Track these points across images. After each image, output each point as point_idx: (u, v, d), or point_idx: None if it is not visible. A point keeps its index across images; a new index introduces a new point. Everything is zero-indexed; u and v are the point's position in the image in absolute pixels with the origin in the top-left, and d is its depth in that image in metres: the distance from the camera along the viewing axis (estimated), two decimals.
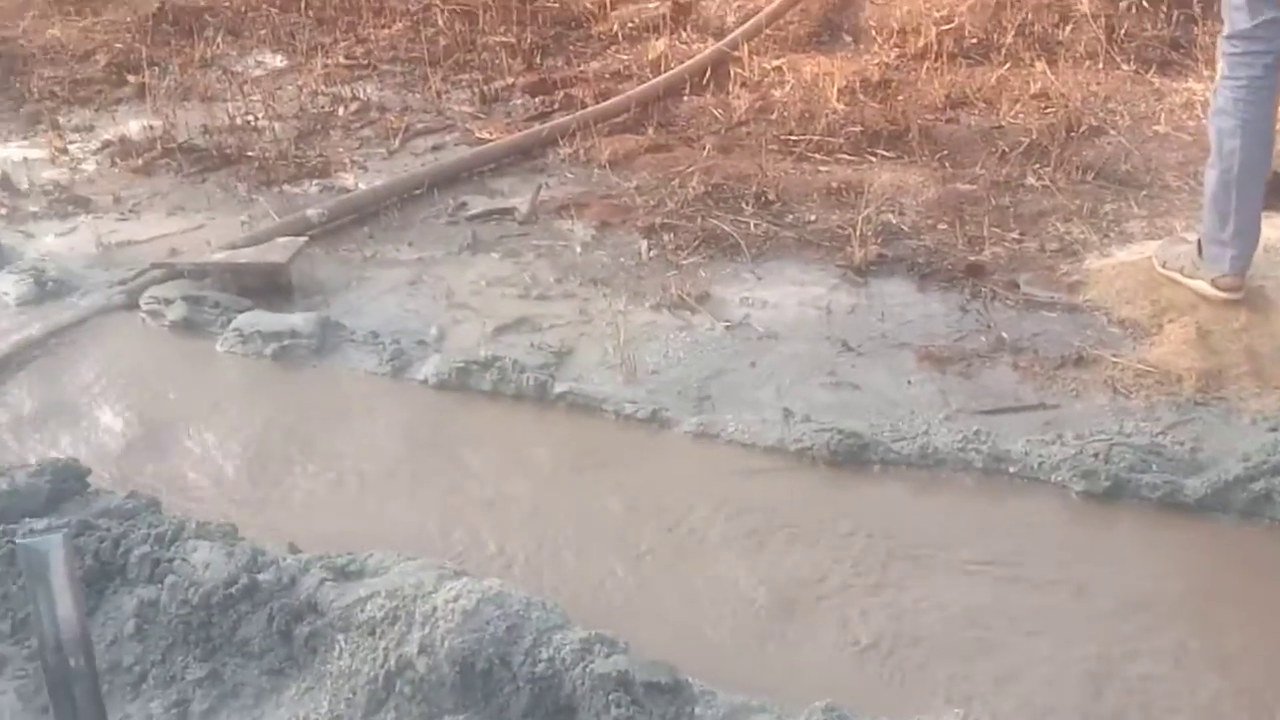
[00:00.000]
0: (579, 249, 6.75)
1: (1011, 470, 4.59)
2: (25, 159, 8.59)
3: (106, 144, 8.69)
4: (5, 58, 10.91)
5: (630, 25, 10.30)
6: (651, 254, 6.59)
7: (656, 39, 9.86)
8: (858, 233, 6.36)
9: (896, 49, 9.14)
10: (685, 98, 8.76)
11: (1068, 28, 8.99)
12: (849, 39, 9.63)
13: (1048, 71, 8.44)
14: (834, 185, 7.15)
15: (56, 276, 6.60)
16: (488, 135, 8.45)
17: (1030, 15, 9.13)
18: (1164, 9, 8.89)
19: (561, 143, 8.06)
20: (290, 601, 3.84)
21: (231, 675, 3.79)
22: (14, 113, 9.67)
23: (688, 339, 5.72)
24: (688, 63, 9.11)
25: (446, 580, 3.80)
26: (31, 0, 12.42)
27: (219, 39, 10.76)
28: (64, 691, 2.90)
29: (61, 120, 9.29)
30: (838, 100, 8.28)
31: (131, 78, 10.00)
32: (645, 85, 8.83)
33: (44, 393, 5.61)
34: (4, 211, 7.74)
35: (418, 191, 7.54)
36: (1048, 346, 5.45)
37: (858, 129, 7.88)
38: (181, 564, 4.01)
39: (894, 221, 6.67)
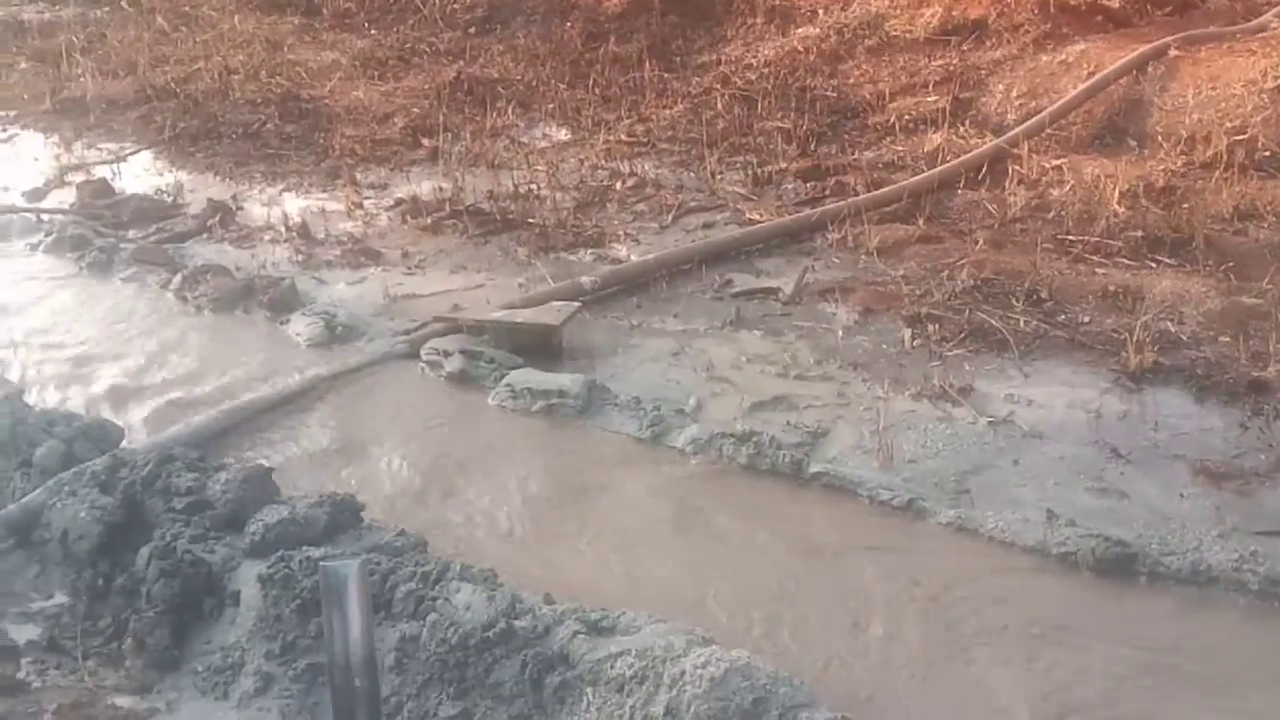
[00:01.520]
0: (841, 332, 6.77)
1: None
2: (323, 210, 9.18)
3: (399, 202, 9.22)
4: (312, 115, 11.72)
5: (907, 117, 10.33)
6: (915, 343, 6.56)
7: (933, 132, 9.86)
8: (1134, 338, 6.18)
9: (1183, 156, 8.88)
10: (959, 191, 8.72)
11: None
12: (1134, 143, 9.41)
13: None
14: (1110, 288, 6.98)
15: (345, 322, 7.03)
16: (758, 216, 8.59)
17: None
18: None
19: (831, 228, 8.13)
20: (544, 650, 3.93)
21: (482, 717, 3.89)
22: (316, 166, 10.35)
23: (948, 431, 5.65)
24: (964, 157, 9.08)
25: (695, 646, 3.82)
26: (339, 63, 13.32)
27: (509, 110, 11.31)
28: (347, 711, 3.05)
29: (359, 177, 9.90)
30: (1119, 203, 8.10)
31: (426, 141, 10.61)
32: (920, 176, 8.84)
33: (327, 430, 5.95)
34: (300, 258, 8.27)
35: (686, 266, 7.73)
36: None
37: (1138, 234, 7.69)
38: (444, 604, 4.15)
39: (1173, 330, 6.47)
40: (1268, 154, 8.74)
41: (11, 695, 4.14)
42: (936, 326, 6.68)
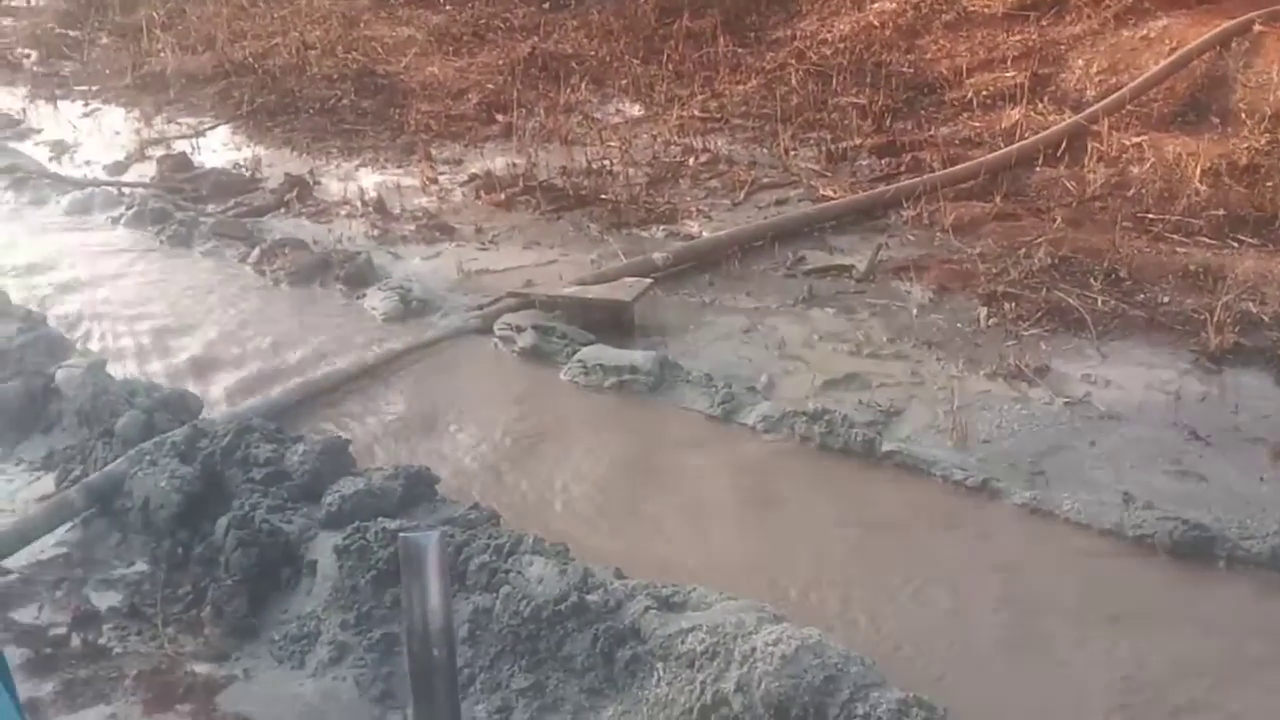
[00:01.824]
0: (915, 311, 6.72)
1: None
2: (399, 185, 9.26)
3: (473, 177, 9.28)
4: (387, 91, 11.82)
5: (985, 93, 10.19)
6: (990, 322, 6.49)
7: (1011, 108, 9.72)
8: (1215, 319, 6.07)
9: (1268, 134, 8.67)
10: (1037, 168, 8.59)
11: None
12: (1216, 120, 9.21)
13: None
14: (1191, 268, 6.86)
15: (420, 296, 7.10)
16: (831, 193, 8.53)
17: None
18: None
19: (905, 205, 8.06)
20: (615, 625, 3.95)
21: (554, 689, 3.92)
22: (391, 142, 10.45)
23: (1023, 411, 5.59)
24: (1043, 133, 8.95)
25: (767, 623, 3.82)
26: (414, 39, 13.40)
27: (583, 86, 11.32)
28: (425, 680, 3.08)
29: (434, 152, 9.97)
30: (1200, 182, 7.95)
31: (500, 117, 10.66)
32: (997, 153, 8.73)
33: (402, 403, 6.02)
34: (377, 233, 8.36)
35: (759, 243, 7.70)
36: None
37: (1220, 212, 7.55)
38: (517, 576, 4.19)
39: (1255, 311, 6.33)
40: None
41: (93, 660, 4.24)
42: (1012, 305, 6.60)
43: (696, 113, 10.51)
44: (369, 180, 9.43)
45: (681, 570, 4.42)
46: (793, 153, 9.44)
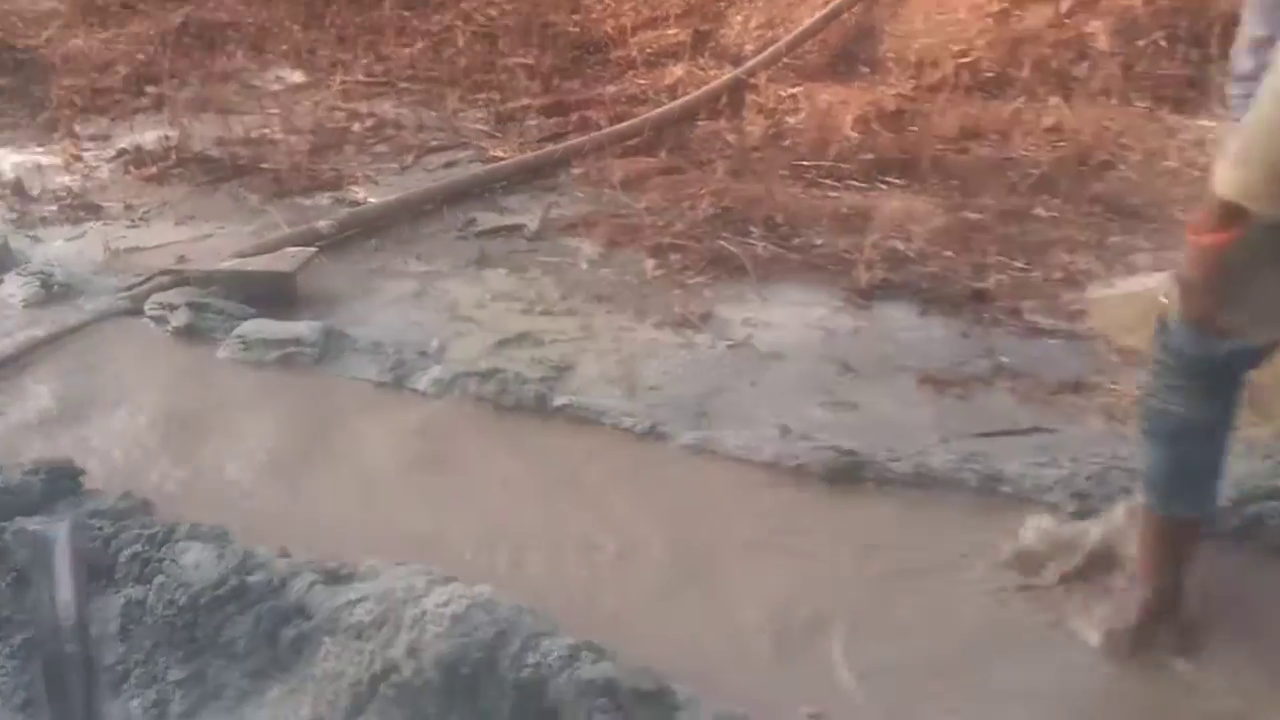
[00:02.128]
0: (585, 266, 6.75)
1: (1006, 490, 4.55)
2: (39, 165, 8.65)
3: (121, 153, 8.74)
4: (27, 66, 11.00)
5: (649, 51, 10.32)
6: (658, 273, 6.58)
7: (674, 64, 9.88)
8: (863, 257, 6.35)
9: (913, 80, 9.14)
10: (700, 122, 8.76)
11: (1084, 64, 8.97)
12: (866, 69, 9.63)
13: (1062, 106, 8.44)
14: (843, 211, 7.14)
15: (63, 280, 6.62)
16: (501, 154, 8.47)
17: (1049, 51, 9.11)
18: (1181, 48, 8.87)
19: (574, 163, 8.09)
20: (279, 604, 3.83)
21: (214, 676, 3.77)
22: (31, 120, 9.75)
23: (689, 357, 5.71)
24: (704, 88, 9.13)
25: (437, 585, 3.77)
26: (58, 10, 12.55)
27: (240, 53, 10.86)
28: (57, 677, 2.91)
29: (78, 128, 9.36)
30: (852, 129, 8.29)
31: (150, 88, 10.09)
32: (661, 109, 8.85)
33: (45, 393, 5.60)
34: (14, 216, 7.79)
35: (428, 207, 7.57)
36: (1047, 372, 5.41)
37: (870, 157, 7.89)
38: (171, 565, 3.99)
39: (901, 248, 6.64)
40: (990, 75, 9.06)
41: None
42: (678, 256, 6.71)
43: (361, 77, 10.23)
44: (6, 162, 8.76)
45: (352, 543, 4.31)
46: (461, 115, 9.33)
